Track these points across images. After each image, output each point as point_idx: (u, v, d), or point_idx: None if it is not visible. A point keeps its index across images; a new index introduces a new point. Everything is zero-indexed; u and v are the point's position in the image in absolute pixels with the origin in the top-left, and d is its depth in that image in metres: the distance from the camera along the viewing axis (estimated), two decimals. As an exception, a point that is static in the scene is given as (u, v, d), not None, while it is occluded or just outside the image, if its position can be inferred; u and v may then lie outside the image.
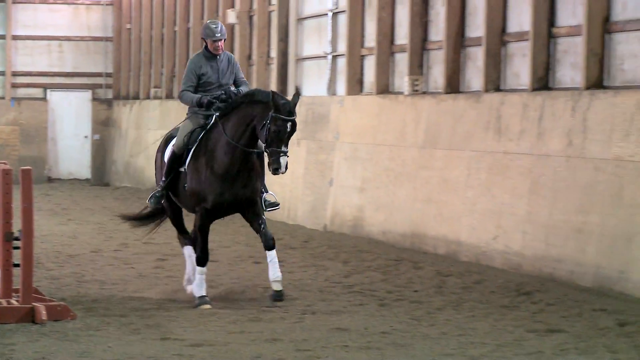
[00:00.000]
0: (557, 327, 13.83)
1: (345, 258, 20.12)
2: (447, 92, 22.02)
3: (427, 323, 14.18)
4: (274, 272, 14.00)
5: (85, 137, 46.59)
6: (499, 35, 20.97)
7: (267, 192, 14.71)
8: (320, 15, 28.32)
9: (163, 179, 14.64)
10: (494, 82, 20.84)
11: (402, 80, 24.01)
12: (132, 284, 17.34)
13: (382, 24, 24.87)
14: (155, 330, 13.33)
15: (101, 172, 46.24)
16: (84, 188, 43.44)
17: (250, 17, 32.72)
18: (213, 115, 14.28)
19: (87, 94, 46.57)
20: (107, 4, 45.89)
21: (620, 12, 17.85)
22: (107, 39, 46.16)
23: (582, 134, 17.18)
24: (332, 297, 16.18)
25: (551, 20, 19.56)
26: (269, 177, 15.17)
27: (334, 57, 27.53)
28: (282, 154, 13.53)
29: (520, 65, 20.37)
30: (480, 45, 21.23)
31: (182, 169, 14.36)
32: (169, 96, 39.38)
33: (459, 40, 22.22)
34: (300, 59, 29.72)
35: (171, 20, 40.48)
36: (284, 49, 30.01)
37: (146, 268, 19.24)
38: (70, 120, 46.37)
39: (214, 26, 14.44)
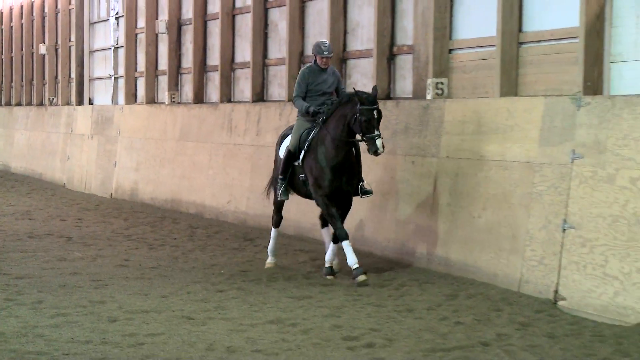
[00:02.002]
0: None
1: (125, 217, 19.79)
2: (195, 103, 21.89)
3: (182, 260, 14.09)
4: (330, 256, 12.56)
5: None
6: (229, 64, 20.94)
7: (362, 181, 12.59)
8: (106, 49, 27.73)
9: (281, 174, 12.98)
10: (227, 96, 20.82)
11: (163, 94, 23.79)
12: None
13: (149, 55, 24.58)
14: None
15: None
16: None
17: (56, 50, 31.78)
18: (318, 119, 12.62)
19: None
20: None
21: (310, 50, 17.92)
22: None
23: (286, 131, 17.26)
24: (117, 244, 15.84)
25: (264, 54, 19.62)
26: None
27: (116, 78, 27.03)
28: (377, 137, 11.72)
29: (244, 85, 20.38)
30: (217, 70, 21.16)
31: (296, 163, 12.80)
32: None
33: (202, 67, 22.12)
34: (92, 79, 29.07)
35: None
36: (80, 72, 29.37)
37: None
38: None
39: (324, 46, 12.82)
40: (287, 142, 13.01)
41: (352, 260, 12.04)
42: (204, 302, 10.96)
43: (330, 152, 12.20)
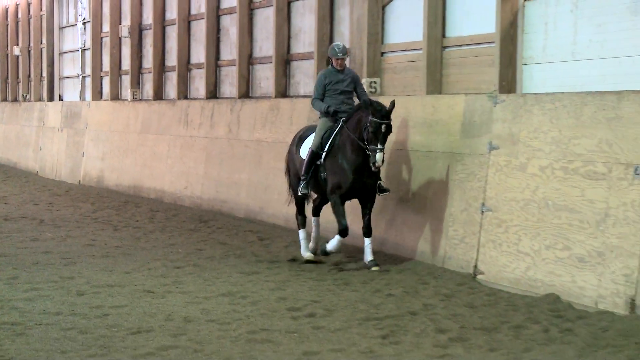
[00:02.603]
0: (224, 241, 13.83)
1: (92, 201, 19.56)
2: (154, 99, 21.71)
3: (144, 240, 13.96)
4: (369, 256, 11.37)
5: None
6: (185, 65, 20.80)
7: (380, 180, 11.43)
8: (74, 50, 27.38)
9: (305, 173, 11.82)
10: (183, 93, 20.68)
11: (126, 91, 23.57)
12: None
13: (113, 57, 24.36)
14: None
15: None
16: None
17: (29, 51, 31.29)
18: (339, 119, 11.66)
19: None
20: None
21: (258, 52, 17.95)
22: None
23: (237, 125, 17.18)
24: (84, 225, 15.65)
25: (217, 56, 19.51)
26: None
27: (83, 77, 26.72)
28: (378, 150, 10.67)
29: (199, 83, 20.24)
30: (174, 70, 21.01)
31: (318, 162, 11.71)
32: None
33: (161, 67, 21.95)
34: (62, 78, 28.67)
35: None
36: (51, 71, 28.93)
37: None
38: None
39: (338, 48, 11.76)
40: (307, 142, 12.02)
41: (331, 246, 11.58)
42: (163, 278, 10.88)
43: (350, 155, 11.25)
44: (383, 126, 10.79)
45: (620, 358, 7.31)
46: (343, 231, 11.42)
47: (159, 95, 21.95)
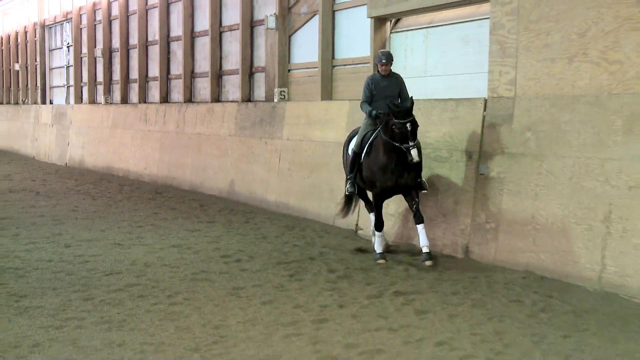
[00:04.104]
0: (174, 207, 13.59)
1: (75, 178, 19.05)
2: (121, 103, 21.15)
3: (114, 207, 13.60)
4: (423, 240, 8.46)
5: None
6: (144, 78, 20.31)
7: (420, 178, 8.75)
8: (61, 67, 26.47)
9: (349, 172, 9.33)
10: (143, 99, 20.21)
11: (100, 97, 22.91)
12: None
13: (90, 72, 23.63)
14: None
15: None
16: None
17: (27, 67, 30.12)
18: (379, 122, 8.95)
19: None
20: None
21: (198, 68, 17.65)
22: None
23: (183, 122, 16.87)
24: (69, 196, 15.17)
25: (168, 71, 19.11)
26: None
27: (68, 87, 25.84)
28: (411, 147, 8.22)
29: (155, 91, 19.79)
30: (136, 82, 20.52)
31: (360, 161, 9.08)
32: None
33: (126, 79, 21.38)
34: (52, 87, 27.67)
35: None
36: (43, 82, 27.92)
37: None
38: None
39: (382, 55, 9.05)
40: (352, 143, 9.50)
41: (378, 247, 8.92)
42: (129, 234, 10.66)
43: (382, 156, 8.70)
44: (408, 124, 8.31)
45: (457, 288, 7.44)
46: (377, 226, 9.00)
47: (124, 100, 21.39)
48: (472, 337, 5.89)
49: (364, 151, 9.04)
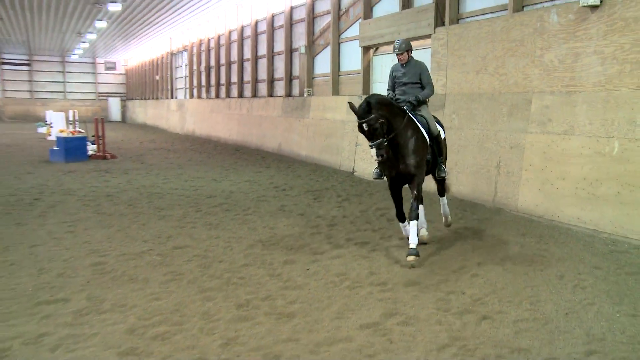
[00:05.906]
0: (246, 158, 13.17)
1: (189, 141, 18.76)
2: (216, 98, 20.48)
3: (212, 158, 13.25)
4: (413, 238, 4.70)
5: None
6: (228, 83, 19.70)
7: (438, 166, 5.31)
8: (181, 77, 25.86)
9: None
10: (228, 95, 19.60)
11: (203, 94, 22.27)
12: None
13: (197, 80, 22.91)
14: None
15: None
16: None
17: (162, 77, 29.45)
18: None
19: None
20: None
21: (259, 77, 17.13)
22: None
23: (251, 109, 16.42)
24: (186, 152, 14.84)
25: (242, 78, 18.55)
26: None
27: (185, 89, 25.22)
28: (371, 147, 4.62)
29: (234, 91, 19.19)
30: (224, 85, 19.89)
31: None
32: None
33: (217, 84, 20.76)
34: (176, 89, 27.08)
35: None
36: (171, 86, 27.28)
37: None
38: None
39: (396, 45, 5.33)
40: None
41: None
42: (220, 174, 10.30)
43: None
44: (364, 125, 4.69)
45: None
46: (397, 217, 5.31)
47: (217, 96, 20.74)
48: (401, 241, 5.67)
49: None
